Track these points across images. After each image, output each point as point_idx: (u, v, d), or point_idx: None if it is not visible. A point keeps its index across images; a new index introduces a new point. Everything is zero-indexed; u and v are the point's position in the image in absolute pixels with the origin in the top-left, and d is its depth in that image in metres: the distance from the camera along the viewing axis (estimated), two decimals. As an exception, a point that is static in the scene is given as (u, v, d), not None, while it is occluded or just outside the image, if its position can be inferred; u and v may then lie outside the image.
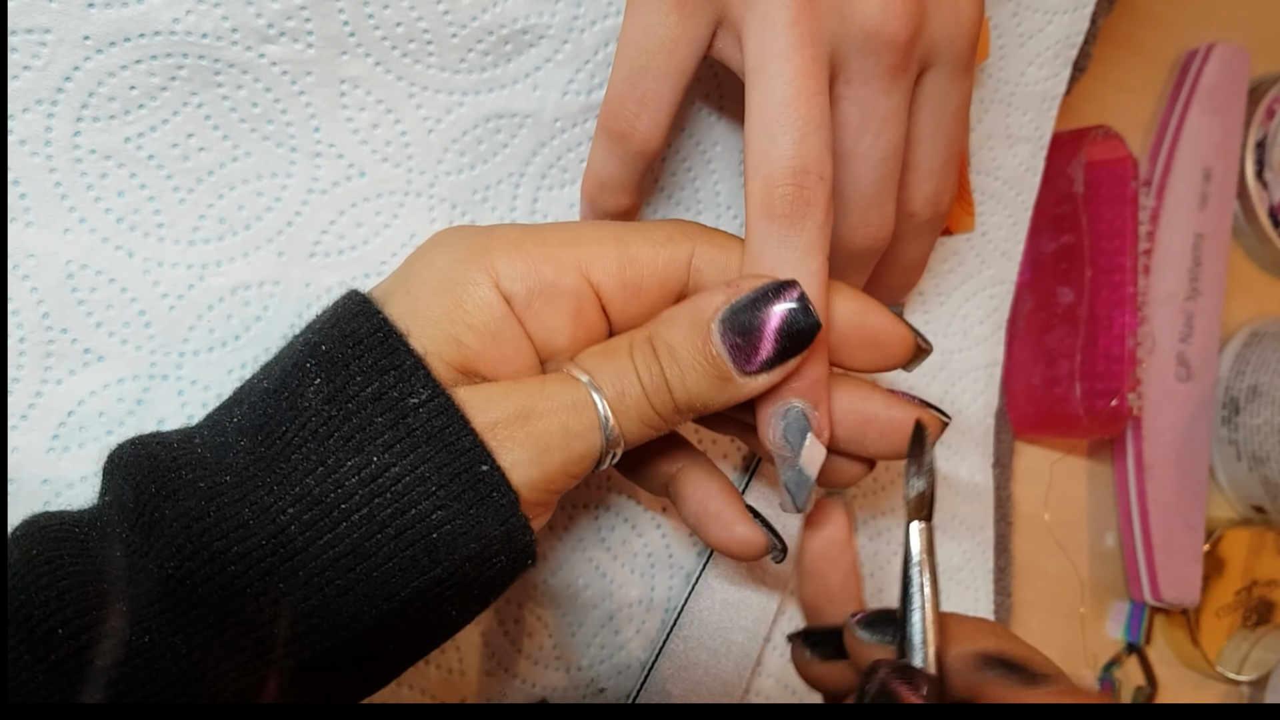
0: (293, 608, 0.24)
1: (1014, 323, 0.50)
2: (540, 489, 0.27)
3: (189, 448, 0.26)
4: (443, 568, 0.25)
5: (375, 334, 0.26)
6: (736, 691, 0.39)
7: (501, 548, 0.26)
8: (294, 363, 0.26)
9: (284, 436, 0.25)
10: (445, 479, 0.25)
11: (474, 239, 0.28)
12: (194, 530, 0.24)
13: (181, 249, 0.32)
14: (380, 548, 0.25)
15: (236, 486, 0.25)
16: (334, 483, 0.25)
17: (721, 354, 0.27)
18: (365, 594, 0.25)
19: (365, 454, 0.25)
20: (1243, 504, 0.57)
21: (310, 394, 0.26)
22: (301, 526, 0.25)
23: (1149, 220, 0.53)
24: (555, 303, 0.28)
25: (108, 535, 0.25)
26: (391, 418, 0.25)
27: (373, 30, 0.33)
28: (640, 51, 0.30)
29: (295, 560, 0.24)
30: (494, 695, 0.37)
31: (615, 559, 0.39)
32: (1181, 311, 0.53)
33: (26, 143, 0.30)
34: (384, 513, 0.25)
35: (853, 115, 0.30)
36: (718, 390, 0.27)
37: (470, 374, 0.27)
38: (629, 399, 0.27)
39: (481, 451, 0.26)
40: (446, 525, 0.25)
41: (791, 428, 0.28)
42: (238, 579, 0.24)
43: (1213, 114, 0.55)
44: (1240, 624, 0.56)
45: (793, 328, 0.27)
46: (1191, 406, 0.53)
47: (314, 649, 0.25)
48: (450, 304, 0.27)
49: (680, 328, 0.27)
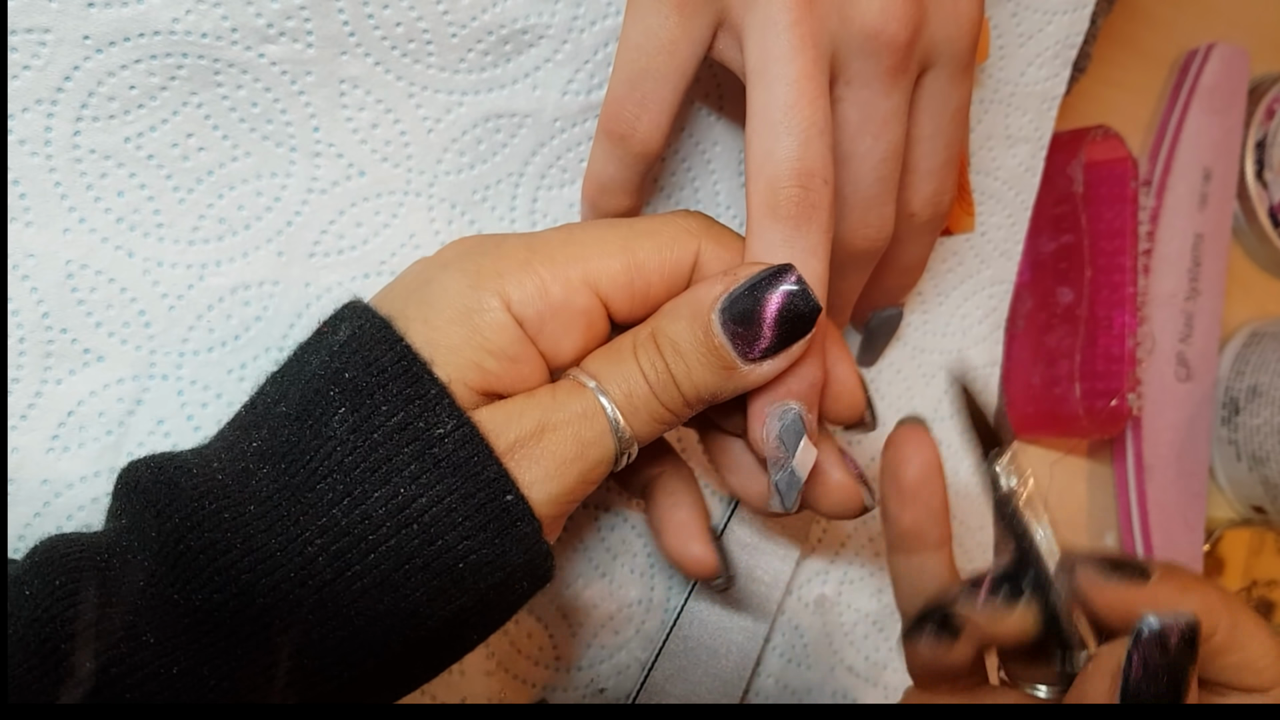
0: (321, 640, 0.25)
1: (1013, 323, 0.50)
2: (560, 502, 0.27)
3: (208, 474, 0.26)
4: (469, 596, 0.26)
5: (399, 363, 0.26)
6: (736, 691, 0.39)
7: (524, 574, 0.26)
8: (315, 389, 0.26)
9: (308, 466, 0.25)
10: (471, 510, 0.25)
11: (484, 261, 0.28)
12: (221, 563, 0.24)
13: (181, 249, 0.32)
14: (409, 578, 0.25)
15: (262, 517, 0.25)
16: (361, 514, 0.25)
17: (724, 343, 0.27)
18: (393, 624, 0.25)
19: (393, 485, 0.25)
20: (1243, 504, 0.57)
21: (335, 423, 0.26)
22: (330, 558, 0.24)
23: (1149, 220, 0.53)
24: (566, 322, 0.28)
25: (129, 564, 0.25)
26: (418, 448, 0.25)
27: (372, 30, 0.33)
28: (640, 53, 0.30)
29: (324, 591, 0.24)
30: (494, 695, 0.37)
31: (615, 559, 0.39)
32: (1181, 311, 0.53)
33: (26, 142, 0.30)
34: (412, 544, 0.25)
35: (852, 116, 0.30)
36: (723, 380, 0.27)
37: (491, 396, 0.27)
38: (637, 399, 0.27)
39: (506, 481, 0.26)
40: (473, 555, 0.25)
41: (788, 430, 0.28)
42: (267, 611, 0.24)
43: (1213, 114, 0.55)
44: (1240, 624, 0.56)
45: (793, 311, 0.27)
46: (1191, 406, 0.53)
47: (342, 677, 0.25)
48: (469, 332, 0.27)
49: (681, 321, 0.27)
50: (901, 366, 0.44)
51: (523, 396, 0.27)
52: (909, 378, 0.45)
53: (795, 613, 0.42)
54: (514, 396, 0.27)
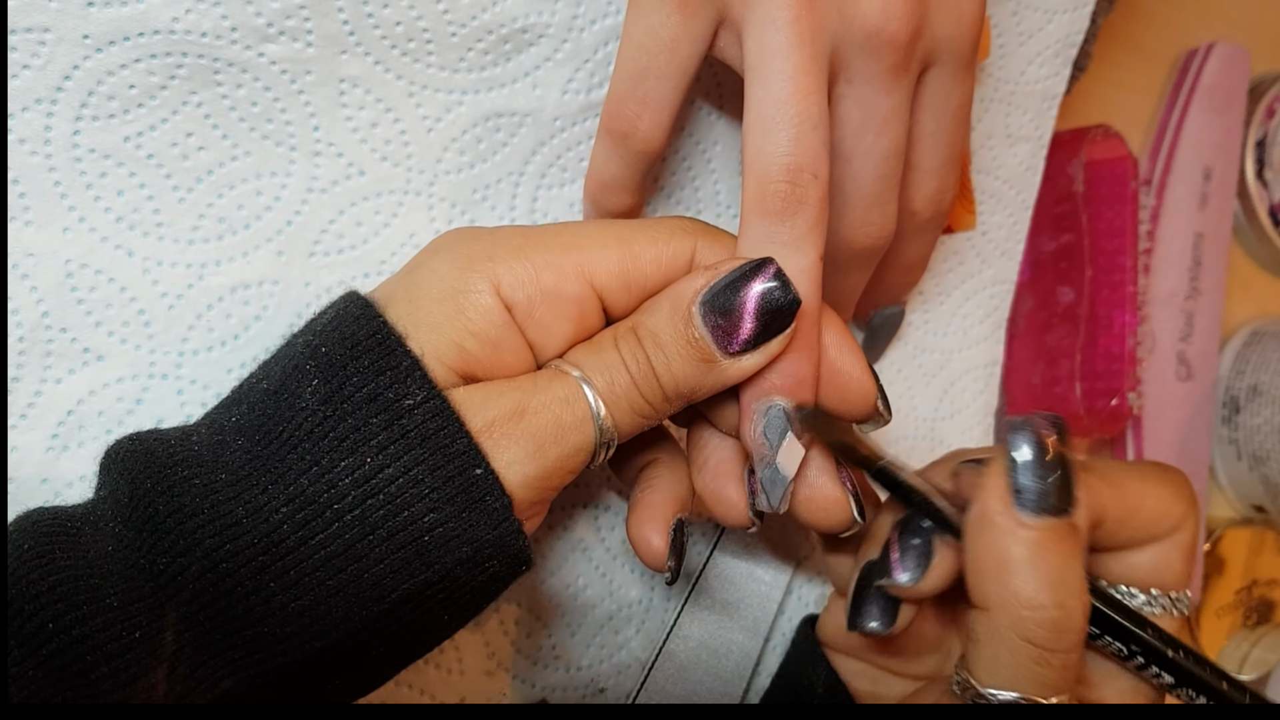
0: (283, 607, 0.24)
1: (1014, 322, 0.50)
2: (537, 486, 0.27)
3: (186, 445, 0.26)
4: (434, 570, 0.25)
5: (373, 336, 0.26)
6: (736, 691, 0.39)
7: (494, 552, 0.26)
8: (294, 365, 0.26)
9: (280, 436, 0.25)
10: (438, 481, 0.25)
11: (476, 246, 0.28)
12: (187, 527, 0.24)
13: (181, 248, 0.32)
14: (372, 549, 0.25)
15: (231, 485, 0.25)
16: (327, 483, 0.25)
17: (704, 336, 0.27)
18: (356, 595, 0.25)
19: (359, 455, 0.25)
20: (1243, 504, 0.57)
21: (307, 395, 0.26)
22: (294, 526, 0.25)
23: (1149, 220, 0.53)
24: (557, 309, 0.28)
25: (100, 530, 0.25)
26: (386, 419, 0.25)
27: (372, 29, 0.32)
28: (642, 51, 0.30)
29: (287, 559, 0.24)
30: (494, 695, 0.37)
31: (615, 559, 0.39)
32: (1181, 311, 0.53)
33: (26, 142, 0.30)
34: (376, 514, 0.25)
35: (854, 114, 0.30)
36: (703, 374, 0.27)
37: (470, 379, 0.27)
38: (619, 389, 0.27)
39: (476, 455, 0.26)
40: (439, 528, 0.25)
41: (771, 426, 0.28)
42: (229, 576, 0.24)
43: (1213, 113, 0.55)
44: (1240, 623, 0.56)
45: (771, 304, 0.27)
46: (1191, 406, 0.53)
47: (304, 649, 0.25)
48: (453, 311, 0.27)
49: (662, 314, 0.28)
50: (902, 366, 0.44)
51: (502, 380, 0.27)
52: (909, 377, 0.45)
53: (795, 613, 0.42)
54: (494, 380, 0.27)
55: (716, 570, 0.40)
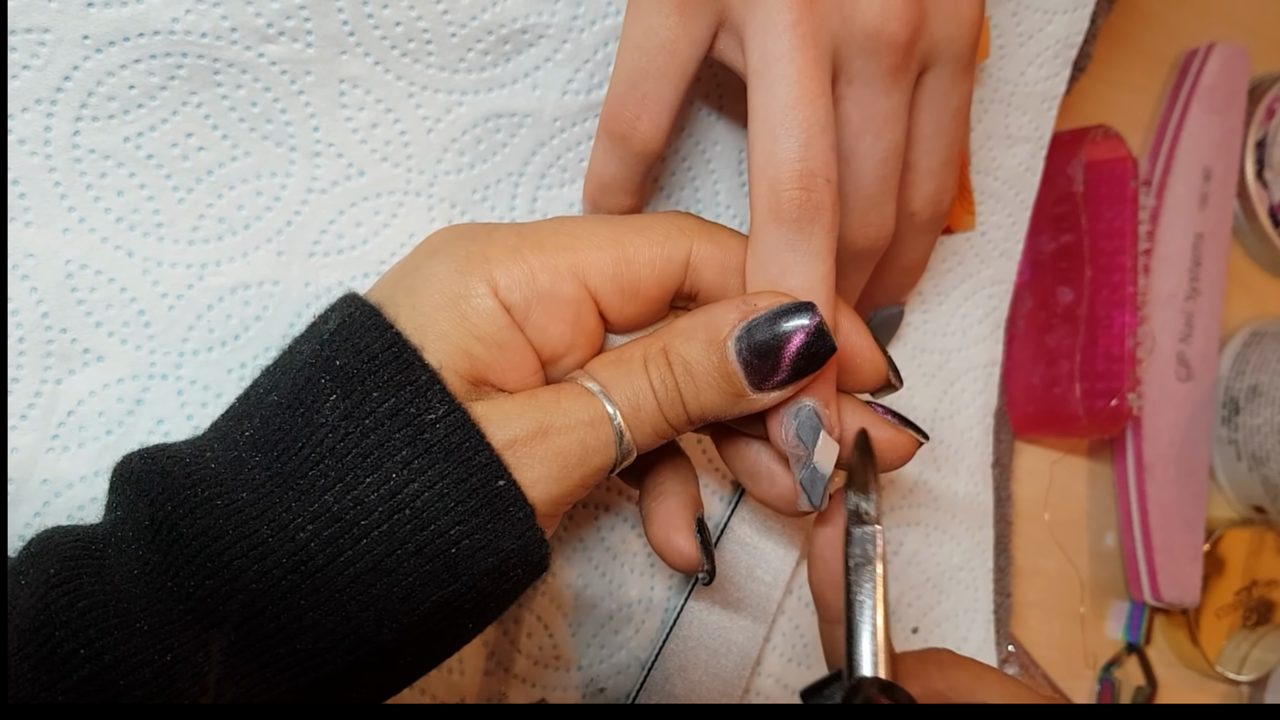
0: (315, 624, 0.25)
1: (1014, 322, 0.50)
2: (558, 503, 0.27)
3: (201, 463, 0.26)
4: (461, 582, 0.26)
5: (389, 349, 0.26)
6: (736, 691, 0.39)
7: (519, 560, 0.26)
8: (306, 377, 0.26)
9: (300, 453, 0.25)
10: (463, 494, 0.25)
11: (471, 247, 0.28)
12: (213, 549, 0.24)
13: (181, 248, 0.32)
14: (401, 563, 0.25)
15: (254, 504, 0.25)
16: (353, 499, 0.25)
17: (737, 371, 0.27)
18: (386, 609, 0.25)
19: (384, 471, 0.25)
20: (1243, 504, 0.57)
21: (326, 410, 0.26)
22: (322, 544, 0.25)
23: (1149, 220, 0.53)
24: (553, 310, 0.28)
25: (124, 553, 0.25)
26: (409, 434, 0.25)
27: (372, 30, 0.32)
28: (641, 53, 0.30)
29: (317, 577, 0.24)
30: (494, 695, 0.37)
31: (615, 559, 0.39)
32: (1181, 311, 0.53)
33: (26, 142, 0.30)
34: (404, 529, 0.25)
35: (853, 116, 0.30)
36: (730, 404, 0.28)
37: (481, 384, 0.27)
38: (644, 413, 0.28)
39: (498, 466, 0.26)
40: (465, 540, 0.25)
41: (804, 426, 0.28)
42: (259, 597, 0.24)
43: (1213, 113, 0.55)
44: (1240, 624, 0.56)
45: (811, 351, 0.27)
46: (1191, 406, 0.53)
47: (336, 663, 0.25)
48: (456, 317, 0.27)
49: (696, 344, 0.28)
50: (901, 366, 0.44)
51: (524, 395, 0.27)
52: (909, 377, 0.45)
53: (795, 613, 0.42)
54: (515, 395, 0.27)
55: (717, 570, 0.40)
